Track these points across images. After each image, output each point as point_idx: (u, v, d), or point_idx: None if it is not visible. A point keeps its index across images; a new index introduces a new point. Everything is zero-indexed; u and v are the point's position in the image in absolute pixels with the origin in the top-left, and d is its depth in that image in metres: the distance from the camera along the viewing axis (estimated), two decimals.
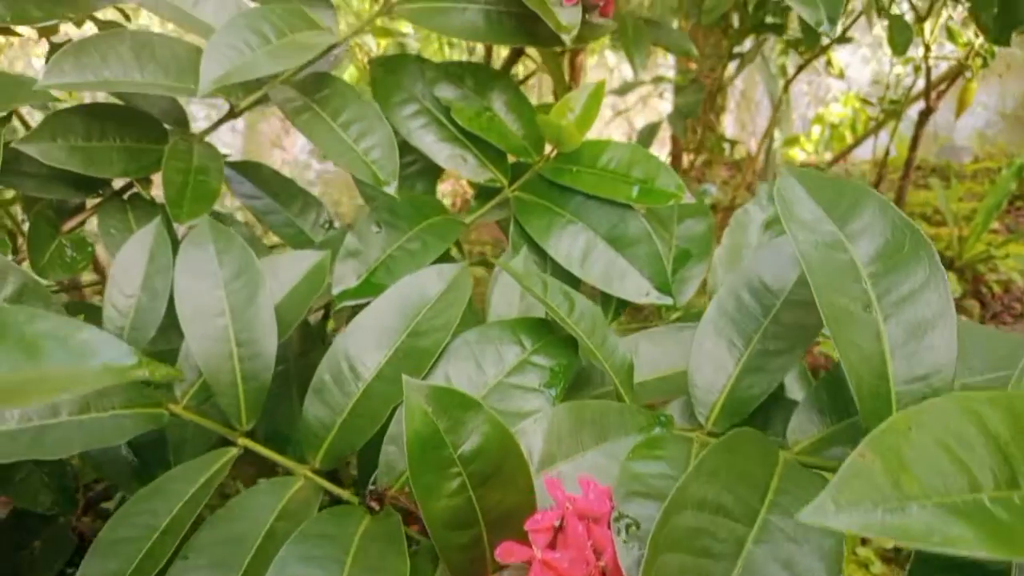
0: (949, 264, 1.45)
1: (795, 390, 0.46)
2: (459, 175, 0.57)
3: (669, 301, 0.52)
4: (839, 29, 1.26)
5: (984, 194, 2.02)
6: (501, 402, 0.39)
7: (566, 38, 0.48)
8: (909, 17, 1.52)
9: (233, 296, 0.41)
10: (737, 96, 2.76)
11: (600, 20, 0.54)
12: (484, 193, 0.60)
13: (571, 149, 0.57)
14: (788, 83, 1.35)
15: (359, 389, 0.39)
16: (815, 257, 0.33)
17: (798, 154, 2.75)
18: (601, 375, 0.45)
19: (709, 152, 1.58)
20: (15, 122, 0.62)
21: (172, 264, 0.42)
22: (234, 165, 0.59)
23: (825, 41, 1.23)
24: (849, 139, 2.66)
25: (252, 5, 0.51)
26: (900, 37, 1.07)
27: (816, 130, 2.76)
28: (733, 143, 1.36)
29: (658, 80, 1.24)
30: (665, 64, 2.24)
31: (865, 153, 2.43)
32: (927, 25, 1.25)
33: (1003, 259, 1.36)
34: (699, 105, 1.23)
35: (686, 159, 1.53)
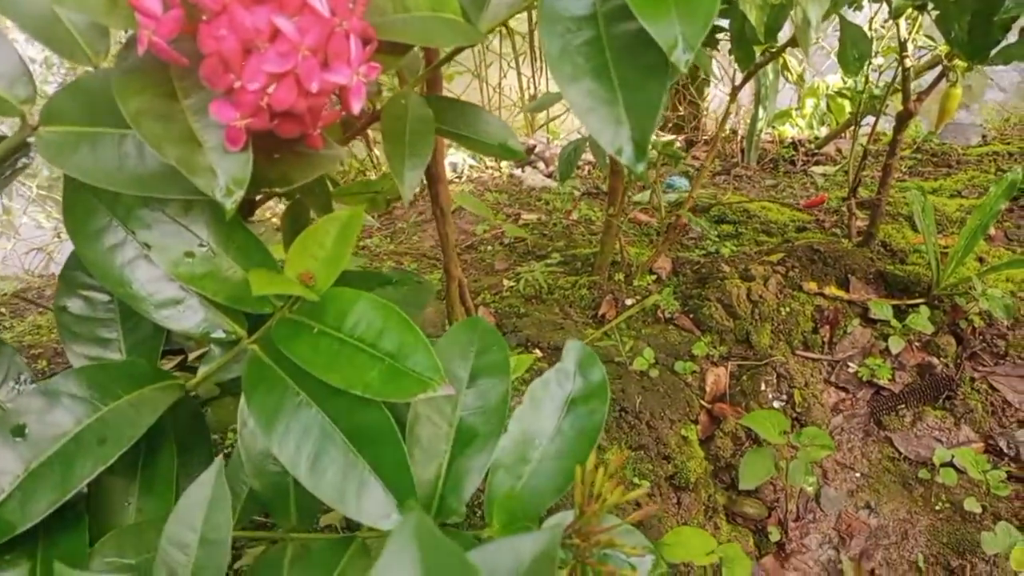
0: (925, 292, 1.27)
1: None
2: None
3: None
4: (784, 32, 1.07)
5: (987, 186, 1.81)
6: None
7: (221, 197, 0.33)
8: (883, 13, 1.33)
9: None
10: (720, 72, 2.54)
11: (324, 151, 0.39)
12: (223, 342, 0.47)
13: (315, 299, 0.43)
14: (736, 90, 1.17)
15: None
16: None
17: (789, 130, 2.52)
18: None
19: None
20: None
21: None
22: None
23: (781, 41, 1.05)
24: (849, 110, 2.44)
25: None
26: (854, 50, 0.89)
27: (810, 103, 2.51)
28: (682, 156, 1.18)
29: None
30: None
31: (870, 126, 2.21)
32: (903, 22, 1.06)
33: (988, 290, 1.17)
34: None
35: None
